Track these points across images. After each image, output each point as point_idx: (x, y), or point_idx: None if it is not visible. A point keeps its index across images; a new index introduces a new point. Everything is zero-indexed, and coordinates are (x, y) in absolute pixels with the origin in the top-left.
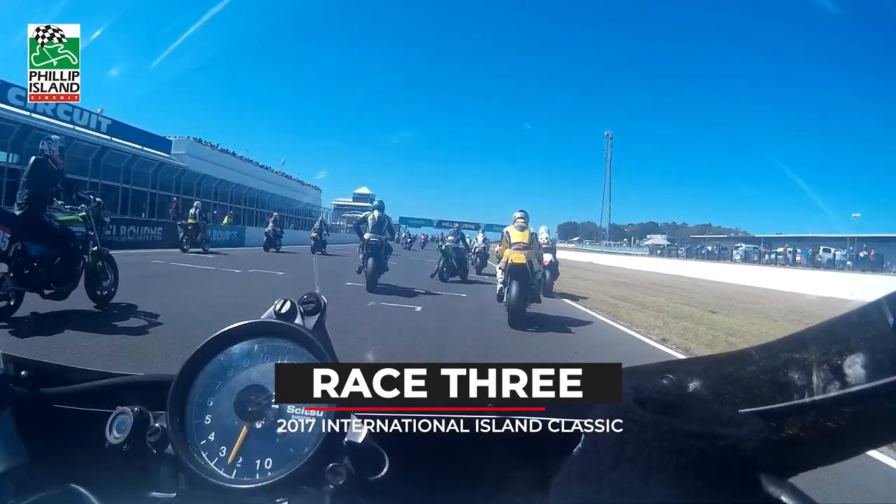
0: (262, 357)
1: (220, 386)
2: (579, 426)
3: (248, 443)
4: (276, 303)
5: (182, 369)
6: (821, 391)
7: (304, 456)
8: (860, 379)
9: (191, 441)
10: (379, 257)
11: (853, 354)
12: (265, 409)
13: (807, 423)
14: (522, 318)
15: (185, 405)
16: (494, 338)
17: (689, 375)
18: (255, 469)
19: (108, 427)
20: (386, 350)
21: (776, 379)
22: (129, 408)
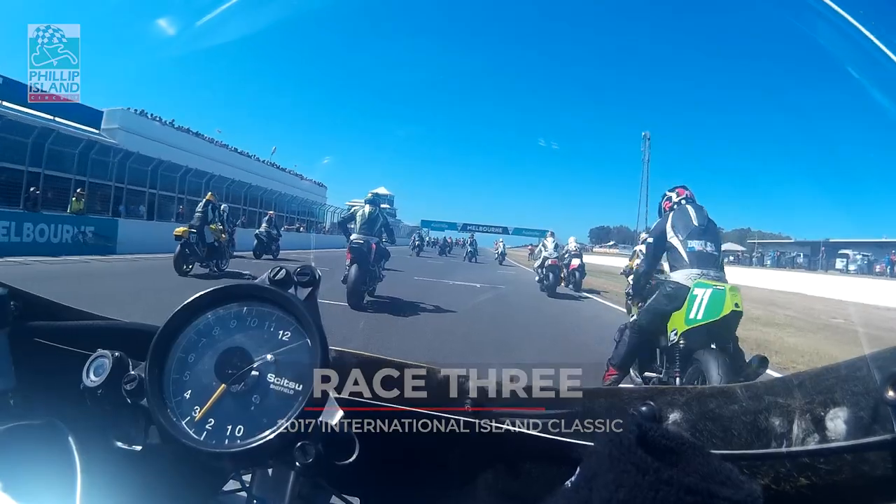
0: (249, 321)
1: (204, 344)
2: (564, 446)
3: (221, 406)
4: (272, 269)
5: (168, 321)
6: (799, 442)
7: (277, 428)
8: (840, 435)
9: (166, 395)
10: (366, 264)
11: (837, 408)
12: (244, 374)
13: (780, 474)
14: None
15: (166, 358)
16: None
17: (671, 406)
18: (224, 434)
19: (85, 369)
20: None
21: (756, 422)
22: (110, 352)
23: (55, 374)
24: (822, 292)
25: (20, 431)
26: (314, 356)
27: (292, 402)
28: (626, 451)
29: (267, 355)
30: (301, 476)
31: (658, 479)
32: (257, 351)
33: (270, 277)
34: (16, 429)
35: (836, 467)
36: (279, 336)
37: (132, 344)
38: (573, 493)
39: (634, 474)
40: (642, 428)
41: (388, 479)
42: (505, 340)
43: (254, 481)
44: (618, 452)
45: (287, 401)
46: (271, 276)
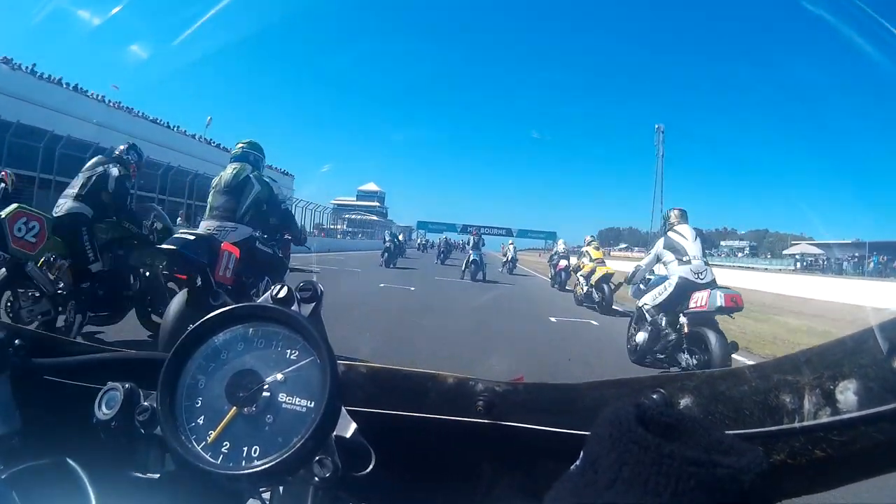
0: (256, 341)
1: (213, 368)
2: (578, 439)
3: (235, 428)
4: (273, 288)
5: (176, 348)
6: (811, 417)
7: (293, 446)
8: (851, 406)
9: (179, 423)
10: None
11: (846, 380)
12: (256, 395)
13: (795, 449)
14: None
15: (177, 386)
16: None
17: (682, 391)
18: (241, 456)
19: (97, 402)
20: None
21: (767, 401)
22: (120, 384)
23: (66, 410)
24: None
25: (29, 473)
26: (324, 371)
27: (305, 419)
28: (627, 431)
29: (277, 375)
30: (320, 490)
31: (660, 454)
32: (267, 371)
33: (273, 296)
34: (24, 471)
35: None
36: (287, 355)
37: (141, 374)
38: (579, 477)
39: (636, 452)
40: (640, 407)
41: (405, 486)
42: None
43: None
44: (618, 433)
45: (300, 418)
46: (273, 295)
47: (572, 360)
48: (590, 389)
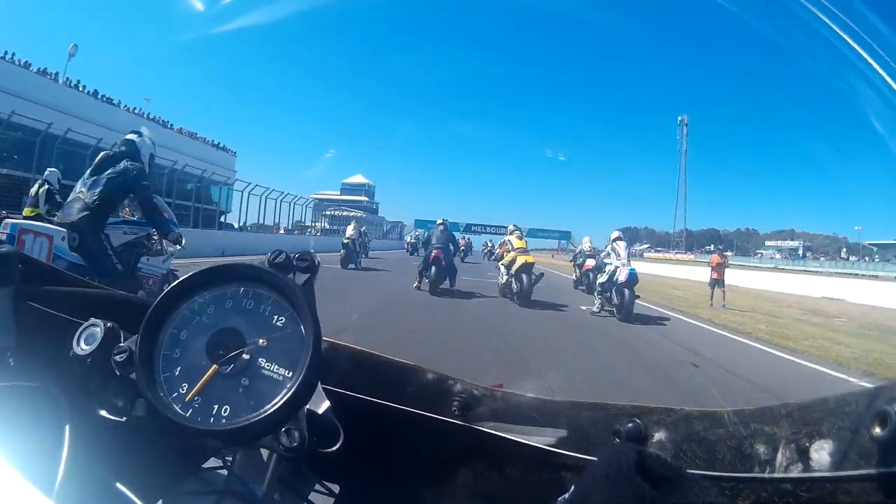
0: (245, 302)
1: (198, 322)
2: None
3: (210, 385)
4: (272, 252)
5: (164, 295)
6: (782, 469)
7: (264, 412)
8: (824, 466)
9: (155, 370)
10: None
11: (822, 440)
12: (236, 357)
13: (761, 499)
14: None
15: (159, 333)
16: None
17: (657, 425)
18: (210, 413)
19: (76, 337)
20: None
21: (741, 447)
22: (102, 322)
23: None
24: None
25: (17, 391)
26: (307, 343)
27: (280, 388)
28: (624, 477)
29: (259, 339)
30: (283, 459)
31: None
32: (250, 334)
33: (270, 260)
34: (13, 388)
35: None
36: (273, 321)
37: (126, 316)
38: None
39: (630, 500)
40: (642, 454)
41: (370, 470)
42: None
43: (235, 461)
44: (615, 476)
45: (276, 386)
46: (271, 259)
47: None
48: (568, 408)
